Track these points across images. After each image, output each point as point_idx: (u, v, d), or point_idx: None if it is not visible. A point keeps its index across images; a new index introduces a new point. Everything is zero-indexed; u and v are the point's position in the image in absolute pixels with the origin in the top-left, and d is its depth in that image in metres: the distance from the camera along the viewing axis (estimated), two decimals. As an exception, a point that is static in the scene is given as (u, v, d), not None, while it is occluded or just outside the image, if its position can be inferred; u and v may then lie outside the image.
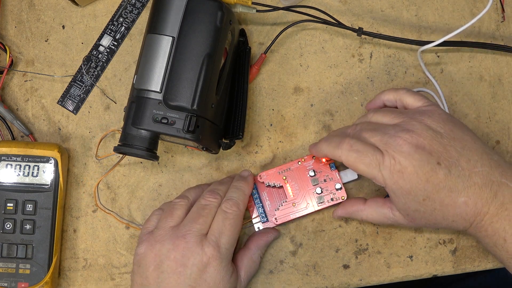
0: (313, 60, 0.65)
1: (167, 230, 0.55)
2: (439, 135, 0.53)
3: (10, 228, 0.60)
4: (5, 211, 0.60)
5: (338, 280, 0.62)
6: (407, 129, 0.53)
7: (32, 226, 0.60)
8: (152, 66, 0.55)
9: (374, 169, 0.53)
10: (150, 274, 0.54)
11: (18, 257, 0.60)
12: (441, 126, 0.53)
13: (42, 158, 0.61)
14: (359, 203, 0.59)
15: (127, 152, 0.55)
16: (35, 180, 0.61)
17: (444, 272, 0.62)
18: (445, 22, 0.65)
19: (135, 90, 0.56)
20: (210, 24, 0.55)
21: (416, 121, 0.53)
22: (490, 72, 0.65)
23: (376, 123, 0.56)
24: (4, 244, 0.60)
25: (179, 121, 0.54)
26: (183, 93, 0.54)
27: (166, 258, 0.54)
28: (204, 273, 0.54)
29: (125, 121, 0.56)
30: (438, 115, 0.54)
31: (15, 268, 0.60)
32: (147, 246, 0.55)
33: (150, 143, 0.55)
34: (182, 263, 0.54)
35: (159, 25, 0.55)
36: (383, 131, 0.54)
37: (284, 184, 0.62)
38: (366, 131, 0.55)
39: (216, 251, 0.54)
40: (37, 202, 0.61)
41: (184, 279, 0.53)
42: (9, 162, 0.61)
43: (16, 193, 0.61)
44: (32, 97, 0.65)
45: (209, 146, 0.57)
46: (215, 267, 0.54)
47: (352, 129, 0.57)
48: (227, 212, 0.56)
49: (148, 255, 0.55)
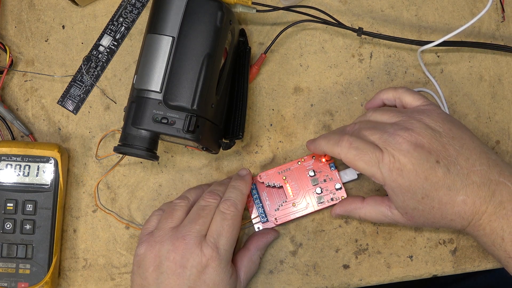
0: (313, 60, 0.65)
1: (166, 231, 0.55)
2: (438, 134, 0.53)
3: (10, 228, 0.60)
4: (5, 211, 0.60)
5: (338, 280, 0.62)
6: (406, 127, 0.53)
7: (32, 226, 0.60)
8: (152, 66, 0.55)
9: (373, 166, 0.53)
10: (149, 275, 0.54)
11: (18, 257, 0.60)
12: (440, 125, 0.53)
13: (42, 158, 0.61)
14: (357, 201, 0.59)
15: (127, 152, 0.55)
16: (35, 180, 0.61)
17: (444, 272, 0.62)
18: (445, 22, 0.65)
19: (135, 90, 0.56)
20: (210, 24, 0.55)
21: (415, 120, 0.54)
22: (490, 72, 0.65)
23: (375, 122, 0.57)
24: (4, 244, 0.60)
25: (179, 121, 0.54)
26: (183, 93, 0.54)
27: (165, 259, 0.54)
28: (203, 274, 0.54)
29: (125, 121, 0.56)
30: (437, 114, 0.55)
31: (15, 268, 0.60)
32: (147, 246, 0.55)
33: (150, 143, 0.55)
34: (181, 264, 0.54)
35: (159, 25, 0.55)
36: (382, 130, 0.54)
37: (284, 184, 0.62)
38: (365, 129, 0.55)
39: (215, 252, 0.54)
40: (37, 202, 0.61)
41: (183, 280, 0.53)
42: (9, 162, 0.61)
43: (16, 193, 0.61)
44: (32, 97, 0.65)
45: (209, 146, 0.57)
46: (214, 268, 0.54)
47: (351, 127, 0.57)
48: (225, 213, 0.56)
49: (147, 256, 0.55)
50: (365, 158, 0.53)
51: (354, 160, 0.54)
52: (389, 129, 0.54)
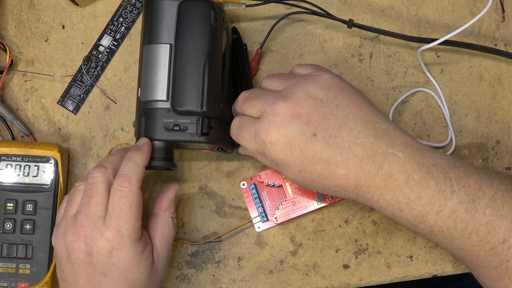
0: (313, 60, 0.65)
1: (68, 220, 0.53)
2: (319, 103, 0.49)
3: (10, 228, 0.60)
4: (5, 211, 0.60)
5: (338, 280, 0.62)
6: (285, 96, 0.50)
7: (32, 226, 0.60)
8: (154, 76, 0.55)
9: (252, 141, 0.51)
10: (64, 267, 0.53)
11: (18, 257, 0.60)
12: (324, 93, 0.50)
13: (42, 158, 0.61)
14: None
15: (146, 166, 0.55)
16: (35, 180, 0.61)
17: (444, 272, 0.62)
18: (445, 22, 0.65)
19: (141, 103, 0.55)
20: (205, 25, 0.55)
21: (298, 88, 0.50)
22: (490, 72, 0.65)
23: (263, 90, 0.54)
24: (4, 244, 0.60)
25: (191, 125, 0.54)
26: (190, 97, 0.54)
27: (72, 250, 0.52)
28: (111, 258, 0.52)
29: (137, 135, 0.56)
30: (324, 80, 0.51)
31: (15, 268, 0.60)
32: (55, 239, 0.54)
33: (166, 153, 0.55)
34: (87, 252, 0.52)
35: (154, 35, 0.55)
36: (264, 99, 0.51)
37: (284, 183, 0.62)
38: (250, 99, 0.53)
39: (117, 234, 0.51)
40: (37, 202, 0.61)
41: (94, 268, 0.52)
42: (9, 162, 0.61)
43: (16, 193, 0.61)
44: (32, 97, 0.65)
45: (224, 145, 0.57)
46: (121, 250, 0.51)
47: (241, 98, 0.54)
48: (119, 190, 0.52)
49: (57, 249, 0.54)
50: (244, 134, 0.51)
51: (238, 140, 0.52)
52: (270, 98, 0.51)
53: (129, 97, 0.65)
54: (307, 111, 0.49)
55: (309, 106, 0.49)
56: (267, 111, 0.50)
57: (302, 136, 0.49)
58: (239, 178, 0.63)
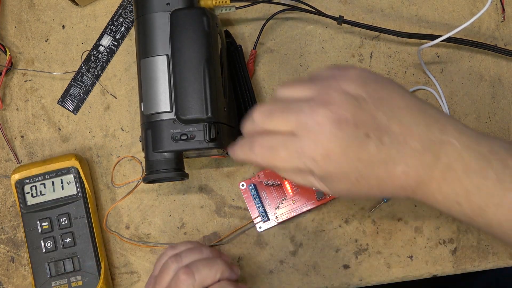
0: (313, 60, 0.65)
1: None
2: (362, 100, 0.44)
3: (51, 246, 0.60)
4: (42, 231, 0.60)
5: (338, 280, 0.62)
6: (323, 101, 0.44)
7: (71, 238, 0.60)
8: (155, 88, 0.55)
9: (294, 161, 0.44)
10: None
11: (67, 272, 0.60)
12: (363, 89, 0.44)
13: (62, 171, 0.61)
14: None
15: (157, 179, 0.55)
16: (62, 193, 0.61)
17: (444, 272, 0.62)
18: (445, 22, 0.65)
19: (145, 117, 0.55)
20: (199, 31, 0.55)
21: (333, 90, 0.44)
22: (490, 72, 0.65)
23: (286, 100, 0.46)
24: (51, 263, 0.60)
25: (198, 133, 0.54)
26: (194, 105, 0.54)
27: None
28: None
29: (145, 149, 0.55)
30: (355, 75, 0.45)
31: (67, 284, 0.60)
32: None
33: (177, 163, 0.55)
34: None
35: (150, 48, 0.55)
36: (297, 111, 0.45)
37: (283, 182, 0.62)
38: (275, 114, 0.45)
39: None
40: (70, 214, 0.61)
41: None
42: (33, 184, 0.61)
43: (48, 211, 0.61)
44: (32, 97, 0.65)
45: None
46: None
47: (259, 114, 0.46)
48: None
49: None
50: (281, 155, 0.45)
51: (271, 162, 0.45)
52: (304, 108, 0.44)
53: (129, 97, 0.65)
54: (352, 112, 0.43)
55: (352, 106, 0.44)
56: (308, 123, 0.44)
57: (356, 140, 0.43)
58: (239, 178, 0.63)
